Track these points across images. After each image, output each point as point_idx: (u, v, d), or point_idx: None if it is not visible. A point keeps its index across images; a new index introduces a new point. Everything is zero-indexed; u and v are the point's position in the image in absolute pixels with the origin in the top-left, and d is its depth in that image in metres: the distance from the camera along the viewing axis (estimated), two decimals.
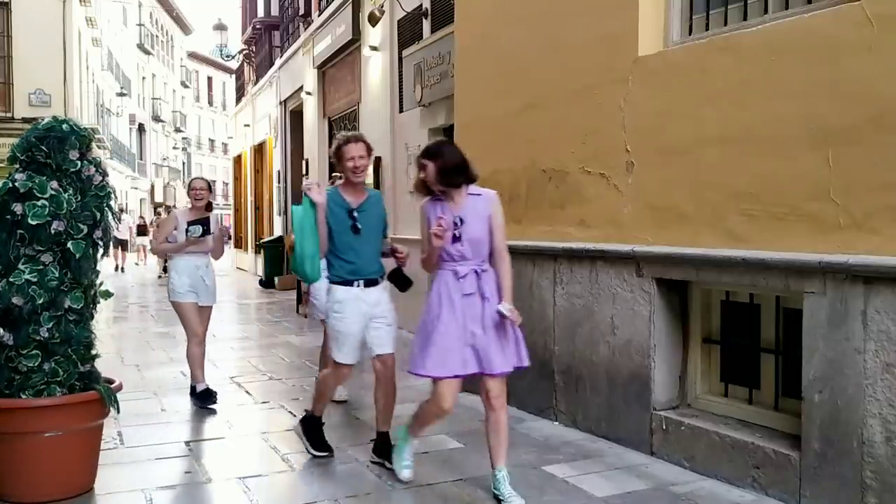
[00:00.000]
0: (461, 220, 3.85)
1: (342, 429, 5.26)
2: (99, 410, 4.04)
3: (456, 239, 3.82)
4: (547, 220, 5.40)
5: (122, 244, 22.63)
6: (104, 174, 4.15)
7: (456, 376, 3.83)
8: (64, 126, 4.02)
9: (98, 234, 4.05)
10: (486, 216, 3.89)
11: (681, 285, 4.53)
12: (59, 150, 3.95)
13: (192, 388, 5.98)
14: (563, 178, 5.24)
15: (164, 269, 22.37)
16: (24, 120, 19.14)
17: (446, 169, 3.89)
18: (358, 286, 4.29)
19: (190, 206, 6.12)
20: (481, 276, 3.86)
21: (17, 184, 3.81)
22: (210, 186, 6.17)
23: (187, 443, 4.95)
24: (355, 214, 4.31)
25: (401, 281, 4.56)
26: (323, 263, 5.78)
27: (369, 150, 4.37)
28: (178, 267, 5.87)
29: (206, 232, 5.82)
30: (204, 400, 5.86)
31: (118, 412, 4.13)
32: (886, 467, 3.32)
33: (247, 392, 6.43)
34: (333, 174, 6.52)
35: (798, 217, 3.70)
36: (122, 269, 22.13)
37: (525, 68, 5.63)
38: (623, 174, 4.75)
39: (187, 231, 5.76)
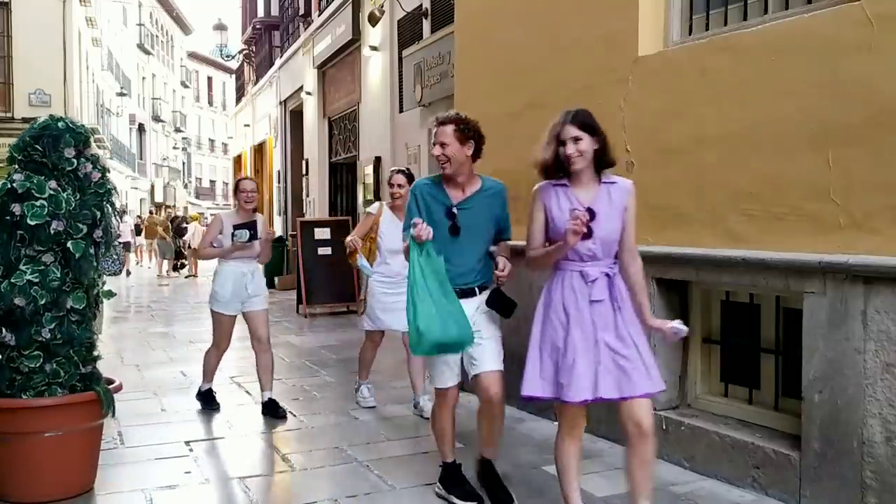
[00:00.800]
0: (592, 213, 3.17)
1: (342, 429, 5.26)
2: (99, 410, 4.03)
3: (587, 235, 3.13)
4: None
5: (125, 246, 21.98)
6: (103, 171, 4.11)
7: (587, 401, 3.16)
8: (59, 124, 3.99)
9: (98, 233, 4.03)
10: (620, 209, 3.25)
11: (681, 285, 4.53)
12: (54, 148, 3.92)
13: (204, 400, 5.88)
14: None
15: (175, 268, 22.37)
16: (24, 120, 19.11)
17: (606, 147, 3.21)
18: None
19: (236, 208, 5.74)
20: (613, 279, 3.23)
21: (15, 184, 3.80)
22: (258, 187, 5.79)
23: (187, 443, 4.95)
24: (455, 212, 3.61)
25: (501, 304, 3.64)
26: (372, 264, 5.56)
27: (463, 134, 3.63)
28: (224, 273, 5.54)
29: (254, 237, 5.45)
30: (207, 401, 5.81)
31: (113, 416, 4.12)
32: (886, 467, 3.32)
33: (247, 392, 6.43)
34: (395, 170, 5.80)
35: (798, 217, 3.70)
36: (129, 271, 21.51)
37: (525, 68, 5.63)
38: (622, 174, 4.73)
39: (233, 235, 5.42)
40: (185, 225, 22.60)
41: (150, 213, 28.16)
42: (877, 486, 3.35)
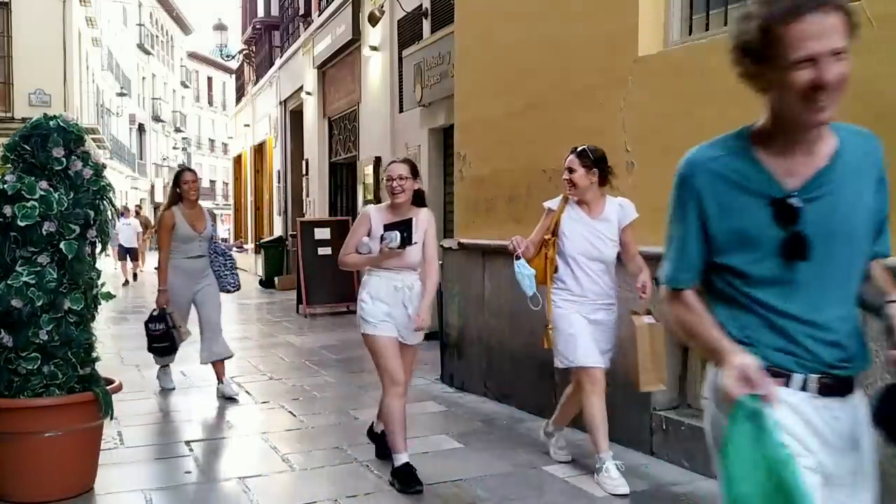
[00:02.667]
0: None
1: (342, 428, 5.26)
2: (99, 410, 4.03)
3: None
4: None
5: (131, 253, 18.24)
6: (96, 168, 4.06)
7: None
8: (51, 123, 3.96)
9: (92, 233, 4.01)
10: None
11: None
12: (42, 147, 3.89)
13: (378, 444, 4.47)
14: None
15: None
16: (24, 120, 19.02)
17: None
18: (797, 393, 1.70)
19: (388, 203, 4.20)
20: None
21: (5, 186, 3.77)
22: (415, 171, 4.16)
23: (187, 443, 4.95)
24: (798, 206, 1.67)
25: None
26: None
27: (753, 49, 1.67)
28: (372, 285, 4.10)
29: (407, 241, 3.95)
30: (406, 482, 3.99)
31: (111, 419, 4.12)
32: (886, 467, 3.32)
33: (247, 392, 6.43)
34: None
35: None
36: (128, 281, 17.95)
37: (525, 68, 5.63)
38: (623, 174, 4.74)
39: (382, 238, 4.00)
40: None
41: (139, 207, 27.85)
42: (877, 487, 3.34)
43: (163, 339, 6.02)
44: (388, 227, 3.99)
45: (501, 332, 5.84)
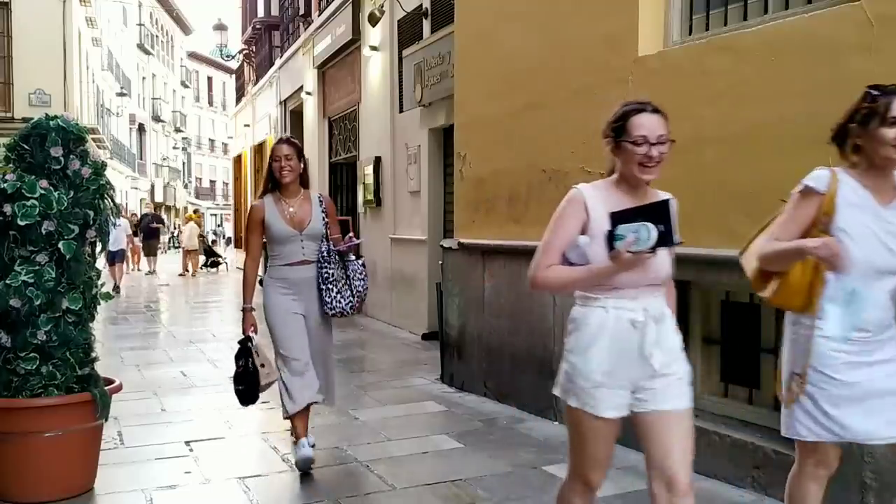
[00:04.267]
0: None
1: (342, 428, 5.26)
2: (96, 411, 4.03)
3: None
4: (547, 220, 5.35)
5: (118, 256, 15.85)
6: (95, 166, 4.05)
7: None
8: (50, 123, 3.96)
9: (91, 233, 4.00)
10: None
11: (680, 285, 4.52)
12: (40, 147, 3.89)
13: None
14: (563, 178, 5.22)
15: (211, 265, 21.63)
16: (24, 120, 18.97)
17: None
18: None
19: (615, 177, 2.69)
20: None
21: (5, 185, 3.78)
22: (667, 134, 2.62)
23: (187, 443, 4.95)
24: None
25: None
26: None
27: None
28: (590, 323, 2.52)
29: (668, 239, 2.41)
30: None
31: (106, 420, 4.11)
32: (886, 467, 3.32)
33: None
34: None
35: None
36: (118, 287, 15.19)
37: (525, 68, 5.62)
38: None
39: (614, 237, 2.43)
40: (154, 225, 21.99)
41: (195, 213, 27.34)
42: (877, 486, 3.34)
43: (238, 379, 4.43)
44: (617, 219, 2.45)
45: (501, 332, 5.84)
